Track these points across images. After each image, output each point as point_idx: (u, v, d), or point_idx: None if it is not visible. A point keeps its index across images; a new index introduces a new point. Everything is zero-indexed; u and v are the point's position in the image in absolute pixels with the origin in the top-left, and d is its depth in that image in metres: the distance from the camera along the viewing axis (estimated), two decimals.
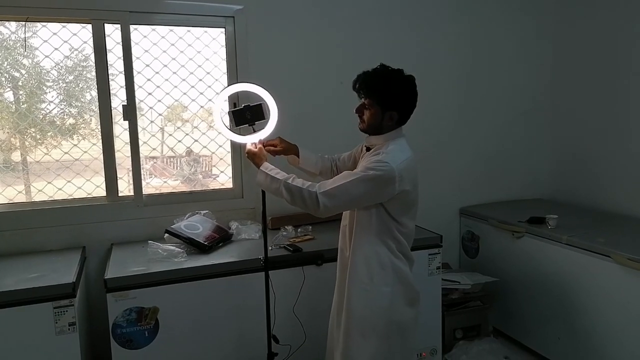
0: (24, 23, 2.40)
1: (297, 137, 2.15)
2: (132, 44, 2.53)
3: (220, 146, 2.82)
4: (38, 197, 2.52)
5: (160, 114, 2.71)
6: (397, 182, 1.68)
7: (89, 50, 2.52)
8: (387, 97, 1.73)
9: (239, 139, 2.04)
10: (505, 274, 3.01)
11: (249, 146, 1.96)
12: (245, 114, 1.93)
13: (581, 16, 3.28)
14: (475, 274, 3.02)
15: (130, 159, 2.58)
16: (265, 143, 1.99)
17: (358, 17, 2.95)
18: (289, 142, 2.05)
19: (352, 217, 1.84)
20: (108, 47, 2.51)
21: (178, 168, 2.97)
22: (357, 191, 1.69)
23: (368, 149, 1.86)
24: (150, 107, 2.66)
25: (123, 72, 2.52)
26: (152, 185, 2.78)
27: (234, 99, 2.65)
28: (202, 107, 2.76)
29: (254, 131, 1.99)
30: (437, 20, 3.16)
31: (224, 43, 2.72)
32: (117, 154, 2.58)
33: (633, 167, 2.98)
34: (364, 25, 2.96)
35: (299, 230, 2.63)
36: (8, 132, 2.51)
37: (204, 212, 2.57)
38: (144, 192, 2.62)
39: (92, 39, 2.48)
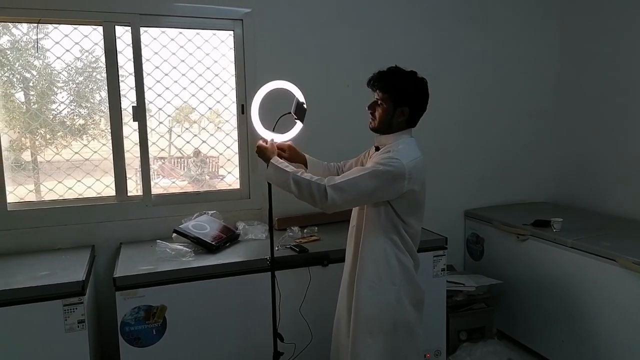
0: (36, 25, 2.44)
1: (304, 139, 2.17)
2: (142, 46, 2.57)
3: (227, 147, 2.84)
4: (48, 196, 2.55)
5: (169, 115, 2.74)
6: (407, 180, 1.71)
7: (99, 51, 2.56)
8: (400, 92, 1.78)
9: (267, 134, 2.03)
10: (509, 276, 3.02)
11: (260, 142, 1.97)
12: (300, 109, 1.99)
13: (587, 22, 3.28)
14: (479, 277, 3.03)
15: (139, 159, 2.61)
16: (276, 145, 2.01)
17: (365, 20, 2.97)
18: (298, 151, 2.08)
19: (360, 218, 1.87)
20: (118, 48, 2.54)
21: (186, 169, 2.99)
22: (367, 186, 1.70)
23: (377, 149, 1.88)
24: (160, 109, 2.69)
25: (133, 74, 2.55)
26: (160, 185, 2.81)
27: (242, 101, 2.68)
28: (210, 108, 2.79)
29: (273, 131, 2.02)
30: (444, 25, 3.18)
31: (232, 45, 2.75)
32: (126, 155, 2.61)
33: (638, 171, 2.99)
34: (371, 29, 2.99)
35: (305, 231, 2.65)
36: (19, 132, 2.54)
37: (212, 212, 2.60)
38: (152, 192, 2.65)
39: (102, 40, 2.51)
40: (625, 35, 3.03)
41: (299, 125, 2.07)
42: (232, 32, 2.73)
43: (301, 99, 2.02)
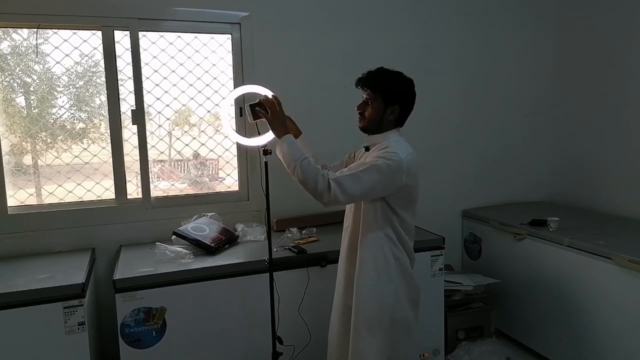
0: (35, 30, 2.46)
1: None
2: (141, 50, 2.59)
3: (226, 150, 2.86)
4: (49, 200, 2.57)
5: (168, 119, 2.76)
6: (404, 173, 1.74)
7: (99, 56, 2.58)
8: (390, 90, 1.81)
9: (244, 141, 2.11)
10: (507, 275, 3.04)
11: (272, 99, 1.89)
12: (261, 109, 1.93)
13: (582, 20, 3.31)
14: (477, 276, 3.04)
15: (138, 162, 2.64)
16: None
17: (361, 23, 2.99)
18: (297, 127, 2.12)
19: (357, 217, 1.88)
20: (117, 53, 2.56)
21: (185, 171, 3.02)
22: (370, 180, 1.71)
23: (367, 149, 1.90)
24: (159, 112, 2.71)
25: (132, 78, 2.57)
26: (159, 188, 2.83)
27: (240, 104, 2.70)
28: (209, 111, 2.81)
29: (259, 134, 2.04)
30: (439, 25, 3.20)
31: (230, 49, 2.77)
32: (125, 158, 2.63)
33: (634, 170, 3.01)
34: (367, 31, 3.01)
35: (304, 232, 2.67)
36: (20, 136, 2.56)
37: (211, 214, 2.61)
38: (152, 195, 2.67)
39: (102, 45, 2.53)
40: (621, 33, 3.05)
41: None
42: (230, 36, 2.76)
43: (252, 101, 1.95)
